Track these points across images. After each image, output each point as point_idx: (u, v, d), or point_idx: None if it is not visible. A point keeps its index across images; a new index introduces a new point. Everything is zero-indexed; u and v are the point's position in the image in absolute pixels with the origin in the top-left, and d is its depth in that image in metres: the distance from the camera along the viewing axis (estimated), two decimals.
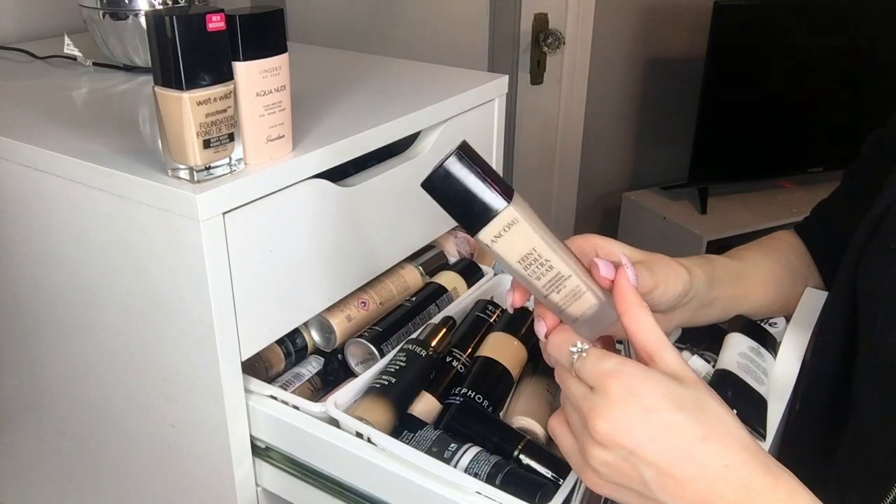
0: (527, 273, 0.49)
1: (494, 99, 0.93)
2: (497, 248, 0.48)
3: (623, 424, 0.46)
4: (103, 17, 0.90)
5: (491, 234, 0.48)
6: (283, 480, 0.72)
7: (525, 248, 0.48)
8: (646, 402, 0.46)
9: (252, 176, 0.63)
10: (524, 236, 0.48)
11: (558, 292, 0.51)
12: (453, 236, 0.96)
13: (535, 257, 0.49)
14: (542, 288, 0.50)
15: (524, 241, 0.48)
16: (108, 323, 0.73)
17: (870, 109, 2.17)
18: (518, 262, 0.49)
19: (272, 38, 0.63)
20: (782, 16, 2.15)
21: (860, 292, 0.63)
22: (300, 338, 0.79)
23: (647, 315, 0.50)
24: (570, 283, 0.50)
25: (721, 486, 0.45)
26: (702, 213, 2.28)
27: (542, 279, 0.50)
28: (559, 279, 0.50)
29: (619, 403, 0.46)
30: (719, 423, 0.46)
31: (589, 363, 0.48)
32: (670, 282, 0.59)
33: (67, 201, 0.69)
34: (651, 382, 0.46)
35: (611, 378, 0.47)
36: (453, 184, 0.47)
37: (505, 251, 0.49)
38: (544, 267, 0.49)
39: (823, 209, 0.79)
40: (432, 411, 0.71)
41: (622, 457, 0.46)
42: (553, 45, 1.85)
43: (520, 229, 0.48)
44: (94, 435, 0.83)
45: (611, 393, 0.46)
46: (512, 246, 0.48)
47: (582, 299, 0.51)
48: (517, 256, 0.49)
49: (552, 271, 0.49)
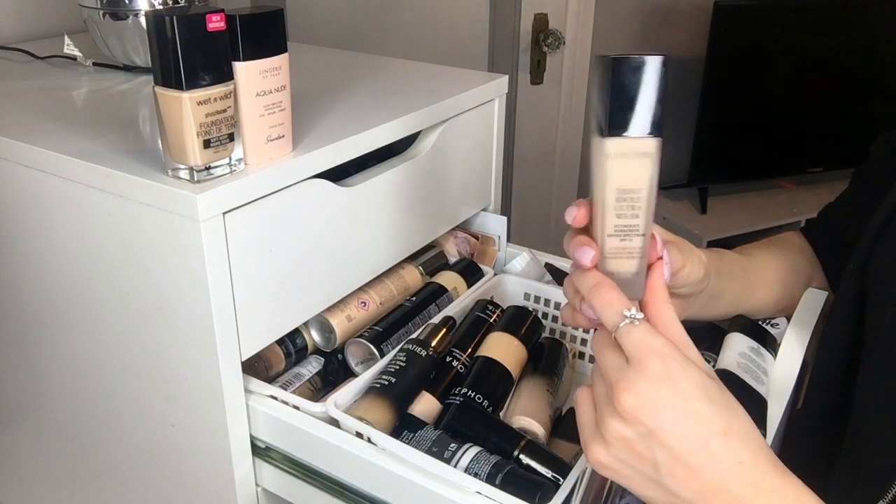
0: (615, 205, 0.47)
1: (494, 99, 0.93)
2: (612, 165, 0.46)
3: (651, 403, 0.46)
4: (103, 17, 0.90)
5: (621, 148, 0.45)
6: (283, 480, 0.72)
7: (635, 184, 0.46)
8: (679, 387, 0.46)
9: (252, 176, 0.63)
10: (644, 173, 0.46)
11: (621, 241, 0.48)
12: (453, 236, 0.96)
13: (635, 198, 0.46)
14: (613, 227, 0.48)
15: (641, 176, 0.46)
16: (108, 323, 0.73)
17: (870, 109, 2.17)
18: (617, 190, 0.46)
19: (272, 38, 0.63)
20: (782, 16, 2.15)
21: (871, 282, 0.63)
22: (300, 338, 0.79)
23: (672, 311, 0.50)
24: (637, 240, 0.48)
25: (731, 481, 0.45)
26: (702, 213, 2.28)
27: (621, 219, 0.47)
28: (633, 231, 0.48)
29: (652, 382, 0.46)
30: (741, 422, 0.47)
31: (637, 333, 0.47)
32: (695, 265, 0.59)
33: (67, 201, 0.69)
34: (689, 371, 0.46)
35: (654, 356, 0.46)
36: (635, 78, 0.44)
37: (616, 172, 0.46)
38: (633, 211, 0.47)
39: (830, 211, 0.79)
40: (432, 411, 0.71)
41: (640, 435, 0.46)
42: (553, 45, 1.85)
43: (647, 164, 0.45)
44: (94, 435, 0.83)
45: (648, 369, 0.46)
46: (626, 172, 0.46)
47: (630, 261, 0.49)
48: (622, 185, 0.46)
49: (635, 220, 0.47)
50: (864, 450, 0.63)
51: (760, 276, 0.71)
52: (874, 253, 0.63)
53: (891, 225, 0.62)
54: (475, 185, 0.95)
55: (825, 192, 0.74)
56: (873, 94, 2.24)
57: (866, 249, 0.64)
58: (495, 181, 0.98)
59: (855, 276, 0.65)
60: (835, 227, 0.77)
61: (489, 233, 0.97)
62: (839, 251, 0.73)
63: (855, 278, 0.65)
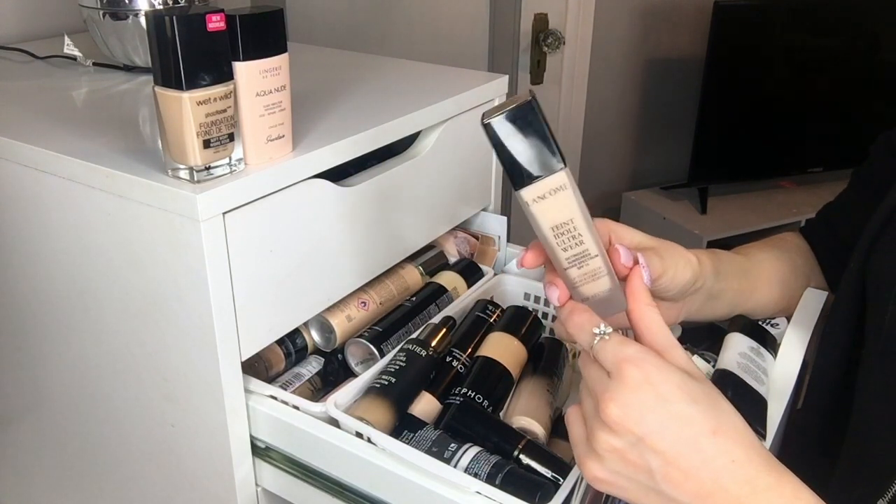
0: (556, 241, 0.49)
1: (494, 99, 0.93)
2: (536, 210, 0.47)
3: (635, 411, 0.46)
4: (103, 17, 0.90)
5: (535, 193, 0.47)
6: (283, 480, 0.72)
7: (563, 217, 0.48)
8: (660, 390, 0.46)
9: (252, 176, 0.63)
10: (566, 204, 0.47)
11: (579, 268, 0.50)
12: (453, 236, 0.96)
13: (570, 228, 0.48)
14: (566, 260, 0.49)
15: (565, 209, 0.47)
16: (108, 323, 0.73)
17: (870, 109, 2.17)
18: (551, 229, 0.48)
19: (272, 38, 0.63)
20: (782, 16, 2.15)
21: (871, 282, 0.63)
22: (300, 338, 0.79)
23: (656, 314, 0.50)
24: (593, 262, 0.50)
25: (726, 480, 0.45)
26: (702, 213, 2.28)
27: (568, 251, 0.49)
28: (584, 256, 0.49)
29: (633, 389, 0.46)
30: (729, 420, 0.47)
31: (610, 347, 0.48)
32: (679, 269, 0.59)
33: (67, 201, 0.69)
34: (668, 373, 0.47)
35: (629, 364, 0.46)
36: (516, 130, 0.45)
37: (543, 215, 0.48)
38: (575, 240, 0.48)
39: (829, 211, 0.79)
40: (432, 411, 0.71)
41: (630, 444, 0.46)
42: (553, 45, 1.85)
43: (565, 196, 0.47)
44: (93, 435, 0.83)
45: (626, 378, 0.46)
46: (551, 211, 0.47)
47: (598, 281, 0.51)
48: (553, 223, 0.48)
49: (581, 246, 0.49)
50: (863, 449, 0.63)
51: (760, 275, 0.71)
52: (873, 254, 0.63)
53: (890, 226, 0.62)
54: (475, 185, 0.95)
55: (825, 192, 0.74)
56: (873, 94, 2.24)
57: (866, 250, 0.64)
58: (495, 181, 0.98)
59: (855, 277, 0.65)
60: (834, 227, 0.77)
61: (489, 233, 0.97)
62: (838, 252, 0.73)
63: (855, 278, 0.65)
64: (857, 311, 0.65)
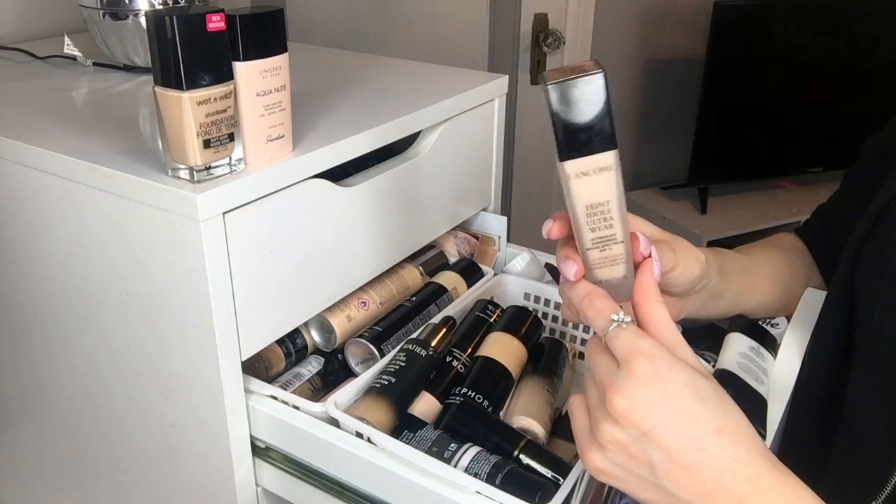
0: (586, 220, 0.48)
1: (494, 99, 0.93)
2: (574, 185, 0.47)
3: (642, 405, 0.46)
4: (103, 17, 0.90)
5: (579, 168, 0.46)
6: (283, 480, 0.72)
7: (600, 198, 0.47)
8: (669, 387, 0.46)
9: (252, 176, 0.63)
10: (608, 186, 0.46)
11: (601, 251, 0.49)
12: (453, 236, 0.96)
13: (604, 210, 0.47)
14: (590, 241, 0.49)
15: (605, 190, 0.47)
16: (108, 323, 0.73)
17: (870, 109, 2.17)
18: (585, 207, 0.47)
19: (272, 38, 0.63)
20: (782, 16, 2.15)
21: (859, 286, 0.63)
22: (300, 338, 0.79)
23: (664, 310, 0.50)
24: (616, 248, 0.49)
25: (728, 479, 0.45)
26: (702, 213, 2.28)
27: (595, 233, 0.48)
28: (610, 240, 0.49)
29: (642, 383, 0.46)
30: (734, 420, 0.47)
31: (624, 336, 0.48)
32: (689, 264, 0.59)
33: (67, 201, 0.69)
34: (678, 369, 0.46)
35: (641, 357, 0.46)
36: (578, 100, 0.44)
37: (581, 191, 0.47)
38: (606, 223, 0.48)
39: (824, 211, 0.79)
40: (432, 411, 0.71)
41: (634, 437, 0.46)
42: (553, 45, 1.85)
43: (608, 177, 0.46)
44: (93, 435, 0.83)
45: (636, 371, 0.46)
46: (590, 189, 0.47)
47: (616, 267, 0.50)
48: (589, 201, 0.47)
49: (609, 230, 0.48)
50: (856, 451, 0.63)
51: (760, 274, 0.71)
52: (861, 257, 0.63)
53: (877, 228, 0.62)
54: (475, 185, 0.95)
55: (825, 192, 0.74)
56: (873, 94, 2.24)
57: (854, 252, 0.64)
58: (495, 181, 0.98)
59: (844, 279, 0.65)
60: (828, 228, 0.77)
61: (489, 233, 0.97)
62: (834, 252, 0.73)
63: (844, 281, 0.65)
64: (846, 313, 0.65)
